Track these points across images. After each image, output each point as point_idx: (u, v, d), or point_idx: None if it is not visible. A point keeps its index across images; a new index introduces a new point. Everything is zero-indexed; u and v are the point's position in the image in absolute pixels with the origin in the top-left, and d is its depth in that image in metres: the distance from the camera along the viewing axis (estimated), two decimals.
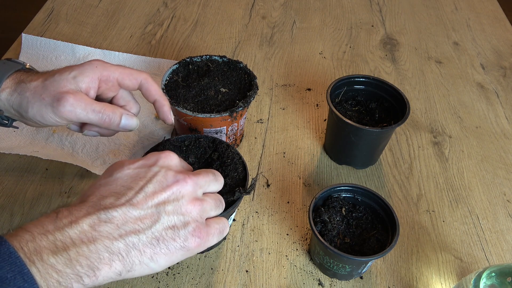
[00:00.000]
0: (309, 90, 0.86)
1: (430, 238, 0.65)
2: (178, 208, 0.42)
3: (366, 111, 0.73)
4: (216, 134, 0.68)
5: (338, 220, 0.59)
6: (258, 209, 0.67)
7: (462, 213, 0.68)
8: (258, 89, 0.69)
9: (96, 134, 0.55)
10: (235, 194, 0.54)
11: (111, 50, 0.88)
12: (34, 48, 0.86)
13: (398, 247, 0.63)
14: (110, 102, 0.57)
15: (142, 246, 0.39)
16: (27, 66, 0.55)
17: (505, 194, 0.71)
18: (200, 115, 0.64)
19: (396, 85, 0.86)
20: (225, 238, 0.63)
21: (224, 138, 0.69)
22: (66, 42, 0.87)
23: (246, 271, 0.60)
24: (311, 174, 0.72)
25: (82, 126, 0.55)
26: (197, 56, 0.73)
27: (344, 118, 0.65)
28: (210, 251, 0.61)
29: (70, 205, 0.40)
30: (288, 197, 0.68)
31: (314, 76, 0.90)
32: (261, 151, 0.75)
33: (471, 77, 0.93)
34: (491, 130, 0.82)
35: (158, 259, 0.40)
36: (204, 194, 0.47)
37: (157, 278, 0.58)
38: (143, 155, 0.58)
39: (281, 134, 0.78)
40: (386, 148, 0.76)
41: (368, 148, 0.70)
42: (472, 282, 0.50)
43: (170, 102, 0.65)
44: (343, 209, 0.60)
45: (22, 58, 0.84)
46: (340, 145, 0.71)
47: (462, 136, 0.80)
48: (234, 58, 0.85)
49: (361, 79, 0.73)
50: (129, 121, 0.54)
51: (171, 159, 0.46)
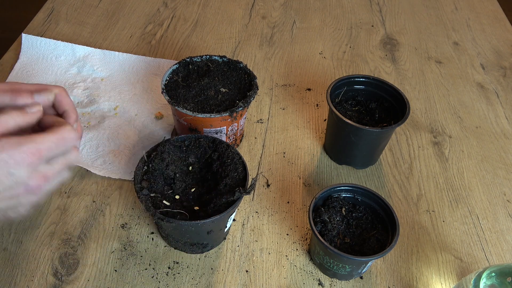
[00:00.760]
0: (309, 90, 0.86)
1: (430, 238, 0.65)
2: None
3: (366, 111, 0.73)
4: (216, 134, 0.68)
5: (338, 220, 0.59)
6: (258, 209, 0.67)
7: (462, 213, 0.68)
8: (258, 89, 0.69)
9: None
10: (235, 194, 0.54)
11: (111, 50, 0.88)
12: (34, 48, 0.86)
13: (398, 247, 0.63)
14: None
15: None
16: None
17: (505, 194, 0.71)
18: (200, 115, 0.64)
19: (396, 85, 0.86)
20: (225, 238, 0.63)
21: (224, 138, 0.69)
22: (66, 42, 0.87)
23: (246, 271, 0.60)
24: (311, 174, 0.72)
25: None
26: (197, 56, 0.73)
27: (344, 118, 0.65)
28: (210, 251, 0.61)
29: None
30: (288, 197, 0.68)
31: (314, 76, 0.90)
32: (261, 151, 0.75)
33: (471, 77, 0.93)
34: (491, 130, 0.82)
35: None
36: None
37: (157, 278, 0.58)
38: (146, 153, 0.58)
39: (281, 134, 0.78)
40: (386, 148, 0.76)
41: (368, 148, 0.70)
42: (472, 282, 0.50)
43: (170, 102, 0.65)
44: (343, 209, 0.60)
45: (22, 58, 0.84)
46: (340, 145, 0.71)
47: (462, 136, 0.80)
48: (234, 58, 0.85)
49: (361, 79, 0.73)
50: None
51: (32, 165, 0.44)
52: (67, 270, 0.58)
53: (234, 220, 0.65)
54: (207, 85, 0.69)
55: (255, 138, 0.77)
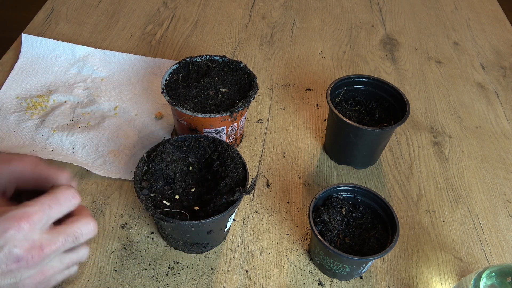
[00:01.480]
0: (309, 90, 0.86)
1: (430, 238, 0.65)
2: (17, 285, 0.40)
3: (366, 111, 0.73)
4: (216, 134, 0.68)
5: (338, 220, 0.59)
6: (258, 209, 0.67)
7: (462, 213, 0.68)
8: (258, 89, 0.69)
9: None
10: (235, 194, 0.54)
11: (111, 50, 0.88)
12: (34, 48, 0.86)
13: (398, 247, 0.63)
14: None
15: None
16: None
17: (505, 194, 0.71)
18: (200, 115, 0.64)
19: (396, 85, 0.86)
20: (225, 238, 0.63)
21: (224, 138, 0.69)
22: (66, 42, 0.87)
23: (246, 271, 0.60)
24: (311, 174, 0.72)
25: None
26: (197, 56, 0.73)
27: (344, 118, 0.65)
28: (210, 251, 0.61)
29: None
30: (288, 197, 0.68)
31: (314, 76, 0.90)
32: (261, 151, 0.75)
33: (471, 77, 0.93)
34: (491, 130, 0.82)
35: None
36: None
37: (157, 278, 0.58)
38: (146, 153, 0.58)
39: (281, 134, 0.78)
40: (386, 148, 0.76)
41: (368, 148, 0.70)
42: (472, 282, 0.50)
43: (170, 102, 0.65)
44: (343, 209, 0.60)
45: (22, 58, 0.84)
46: (340, 145, 0.71)
47: (462, 136, 0.80)
48: (234, 58, 0.85)
49: (361, 79, 0.73)
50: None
51: (23, 230, 0.40)
52: None
53: (234, 220, 0.65)
54: (207, 85, 0.69)
55: (255, 138, 0.77)
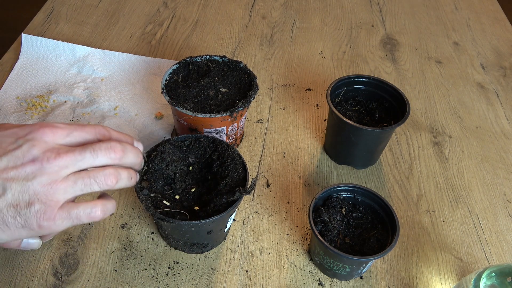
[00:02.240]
0: (309, 90, 0.86)
1: (430, 238, 0.65)
2: (26, 188, 0.40)
3: (366, 111, 0.73)
4: (216, 134, 0.68)
5: (338, 220, 0.59)
6: (258, 209, 0.67)
7: (462, 213, 0.68)
8: (258, 89, 0.69)
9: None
10: (235, 194, 0.54)
11: (111, 50, 0.88)
12: (34, 48, 0.86)
13: (398, 247, 0.63)
14: None
15: None
16: None
17: (505, 194, 0.71)
18: (200, 115, 0.64)
19: (396, 85, 0.86)
20: (225, 238, 0.63)
21: (224, 138, 0.69)
22: (66, 42, 0.87)
23: (246, 271, 0.60)
24: (311, 174, 0.72)
25: None
26: (197, 56, 0.73)
27: (344, 118, 0.65)
28: (210, 251, 0.61)
29: None
30: (288, 197, 0.68)
31: (314, 76, 0.90)
32: (261, 151, 0.75)
33: (471, 77, 0.93)
34: (491, 130, 0.82)
35: None
36: (89, 169, 0.44)
37: (157, 278, 0.58)
38: (146, 153, 0.58)
39: (281, 134, 0.78)
40: (386, 148, 0.76)
41: (368, 148, 0.70)
42: (472, 282, 0.50)
43: (170, 102, 0.65)
44: (343, 209, 0.60)
45: (22, 58, 0.84)
46: (340, 145, 0.71)
47: (462, 136, 0.80)
48: (234, 58, 0.85)
49: (361, 79, 0.73)
50: (30, 243, 0.49)
51: (46, 134, 0.42)
52: (67, 270, 0.58)
53: (234, 220, 0.65)
54: (207, 85, 0.69)
55: (255, 138, 0.77)
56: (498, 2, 1.15)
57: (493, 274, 0.49)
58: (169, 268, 0.59)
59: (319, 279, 0.59)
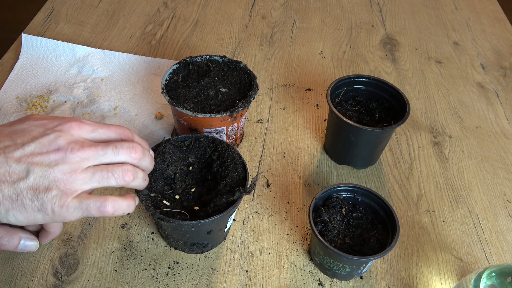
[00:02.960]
0: (309, 90, 0.86)
1: (430, 238, 0.65)
2: (48, 174, 0.42)
3: (366, 111, 0.73)
4: (216, 134, 0.68)
5: (338, 220, 0.59)
6: (258, 209, 0.67)
7: (462, 213, 0.68)
8: (258, 89, 0.69)
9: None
10: (235, 194, 0.54)
11: (111, 50, 0.88)
12: (34, 48, 0.86)
13: (398, 247, 0.63)
14: None
15: (2, 197, 0.41)
16: None
17: (505, 194, 0.71)
18: (200, 115, 0.64)
19: (396, 85, 0.86)
20: (225, 238, 0.63)
21: (224, 138, 0.69)
22: (66, 42, 0.87)
23: (246, 271, 0.60)
24: (311, 174, 0.72)
25: None
26: (197, 56, 0.73)
27: (344, 118, 0.65)
28: (210, 251, 0.61)
29: None
30: (288, 197, 0.68)
31: (314, 76, 0.90)
32: (261, 151, 0.75)
33: (471, 77, 0.93)
34: (491, 130, 0.82)
35: (15, 214, 0.42)
36: (109, 164, 0.46)
37: (157, 278, 0.58)
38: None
39: (281, 134, 0.78)
40: (386, 148, 0.76)
41: (368, 148, 0.70)
42: (472, 282, 0.50)
43: (170, 102, 0.65)
44: (343, 209, 0.60)
45: (22, 58, 0.84)
46: (340, 145, 0.71)
47: (462, 136, 0.80)
48: (234, 58, 0.85)
49: (361, 79, 0.73)
50: (27, 245, 0.51)
51: (73, 127, 0.45)
52: (67, 270, 0.58)
53: (234, 220, 0.65)
54: (207, 85, 0.69)
55: (255, 138, 0.77)
56: (498, 2, 1.15)
57: (493, 274, 0.49)
58: (169, 268, 0.59)
59: (319, 279, 0.59)
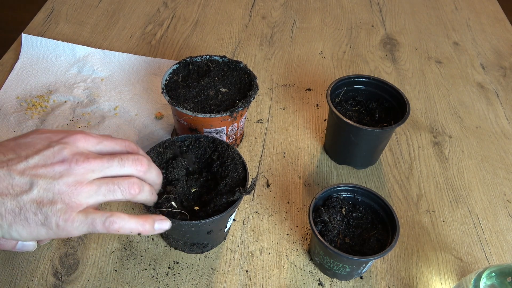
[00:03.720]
0: (309, 90, 0.86)
1: (430, 238, 0.65)
2: (52, 186, 0.41)
3: (366, 111, 0.73)
4: (216, 134, 0.68)
5: (338, 220, 0.59)
6: (258, 209, 0.67)
7: (462, 213, 0.68)
8: (258, 89, 0.69)
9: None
10: (235, 194, 0.54)
11: (111, 50, 0.88)
12: (34, 48, 0.86)
13: (398, 247, 0.63)
14: None
15: (4, 211, 0.40)
16: None
17: (505, 194, 0.71)
18: (200, 115, 0.64)
19: (396, 85, 0.86)
20: (225, 238, 0.63)
21: (224, 138, 0.69)
22: (66, 42, 0.87)
23: (246, 271, 0.60)
24: (311, 174, 0.72)
25: None
26: (197, 56, 0.73)
27: (344, 118, 0.65)
28: (210, 251, 0.61)
29: None
30: (288, 197, 0.68)
31: (314, 76, 0.90)
32: (261, 151, 0.75)
33: (471, 77, 0.93)
34: (491, 130, 0.82)
35: (18, 229, 0.41)
36: (114, 177, 0.45)
37: (157, 278, 0.58)
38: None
39: (281, 134, 0.78)
40: (386, 148, 0.76)
41: (368, 148, 0.70)
42: (472, 282, 0.50)
43: (170, 102, 0.65)
44: (343, 209, 0.60)
45: (22, 58, 0.84)
46: (340, 145, 0.71)
47: (462, 136, 0.80)
48: (234, 58, 0.85)
49: (361, 79, 0.73)
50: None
51: (78, 140, 0.45)
52: (67, 270, 0.58)
53: (234, 220, 0.65)
54: (207, 85, 0.69)
55: (255, 138, 0.77)
56: (498, 2, 1.15)
57: (493, 274, 0.49)
58: (169, 268, 0.59)
59: (319, 279, 0.59)
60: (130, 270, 0.58)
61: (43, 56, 0.85)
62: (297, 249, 0.62)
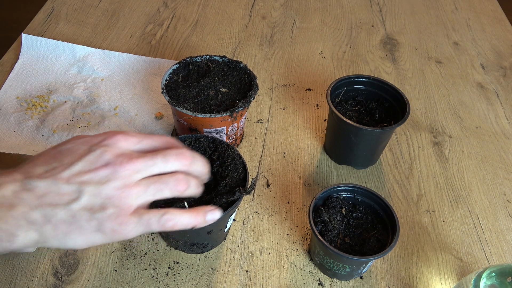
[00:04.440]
0: (309, 90, 0.86)
1: (430, 238, 0.65)
2: (100, 192, 0.41)
3: (366, 111, 0.73)
4: (216, 134, 0.68)
5: (338, 220, 0.59)
6: (258, 209, 0.67)
7: (462, 213, 0.68)
8: (258, 89, 0.69)
9: None
10: (235, 194, 0.54)
11: (111, 50, 0.88)
12: (34, 48, 0.86)
13: (398, 247, 0.63)
14: None
15: (56, 221, 0.40)
16: None
17: (505, 194, 0.71)
18: (200, 115, 0.64)
19: (396, 85, 0.86)
20: (225, 238, 0.63)
21: (224, 138, 0.69)
22: (66, 42, 0.87)
23: (246, 271, 0.60)
24: (311, 174, 0.72)
25: None
26: (197, 56, 0.73)
27: (344, 118, 0.65)
28: (210, 251, 0.61)
29: (2, 170, 0.41)
30: (288, 197, 0.68)
31: (314, 76, 0.90)
32: (261, 151, 0.75)
33: (471, 77, 0.93)
34: (491, 130, 0.82)
35: (73, 237, 0.40)
36: (157, 175, 0.44)
37: (157, 278, 0.58)
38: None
39: (281, 134, 0.78)
40: (386, 148, 0.76)
41: (368, 148, 0.70)
42: (472, 282, 0.50)
43: (170, 102, 0.65)
44: (343, 209, 0.60)
45: (22, 58, 0.84)
46: (340, 145, 0.71)
47: (462, 136, 0.80)
48: (234, 58, 0.85)
49: (361, 79, 0.73)
50: None
51: (119, 140, 0.44)
52: (67, 270, 0.58)
53: (234, 220, 0.65)
54: (207, 85, 0.69)
55: (255, 138, 0.77)
56: (498, 2, 1.15)
57: (493, 274, 0.49)
58: (169, 268, 0.59)
59: (319, 279, 0.59)
60: (130, 270, 0.58)
61: (43, 56, 0.85)
62: (297, 249, 0.62)
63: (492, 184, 0.73)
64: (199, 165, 0.48)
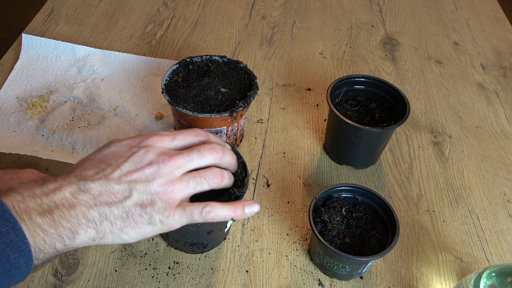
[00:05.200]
0: (309, 90, 0.86)
1: (430, 238, 0.65)
2: (148, 188, 0.45)
3: (366, 111, 0.73)
4: (216, 134, 0.68)
5: (338, 220, 0.59)
6: None
7: (462, 213, 0.68)
8: (258, 89, 0.69)
9: None
10: (231, 195, 0.54)
11: (111, 50, 0.88)
12: (34, 48, 0.86)
13: (398, 247, 0.63)
14: None
15: (113, 218, 0.43)
16: None
17: (505, 194, 0.71)
18: (200, 115, 0.64)
19: (396, 85, 0.86)
20: (225, 238, 0.63)
21: (224, 138, 0.69)
22: (66, 42, 0.87)
23: (246, 271, 0.60)
24: (311, 174, 0.72)
25: None
26: (197, 56, 0.73)
27: (344, 118, 0.65)
28: (210, 251, 0.61)
29: (57, 175, 0.45)
30: (288, 197, 0.68)
31: (314, 76, 0.90)
32: (261, 151, 0.75)
33: (471, 77, 0.93)
34: (491, 130, 0.82)
35: (128, 231, 0.44)
36: (192, 170, 0.48)
37: (157, 278, 0.58)
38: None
39: (281, 134, 0.78)
40: (386, 148, 0.76)
41: (368, 148, 0.70)
42: (472, 282, 0.50)
43: (170, 102, 0.65)
44: (343, 209, 0.60)
45: (22, 58, 0.84)
46: (340, 145, 0.71)
47: (462, 136, 0.80)
48: (234, 58, 0.85)
49: (361, 79, 0.73)
50: None
51: (155, 141, 0.48)
52: (67, 270, 0.58)
53: (234, 220, 0.65)
54: (207, 85, 0.69)
55: (255, 138, 0.77)
56: (498, 2, 1.15)
57: (493, 274, 0.49)
58: (169, 268, 0.59)
59: (319, 279, 0.59)
60: (130, 270, 0.58)
61: (43, 56, 0.85)
62: (297, 249, 0.62)
63: (492, 184, 0.73)
64: (229, 157, 0.52)
